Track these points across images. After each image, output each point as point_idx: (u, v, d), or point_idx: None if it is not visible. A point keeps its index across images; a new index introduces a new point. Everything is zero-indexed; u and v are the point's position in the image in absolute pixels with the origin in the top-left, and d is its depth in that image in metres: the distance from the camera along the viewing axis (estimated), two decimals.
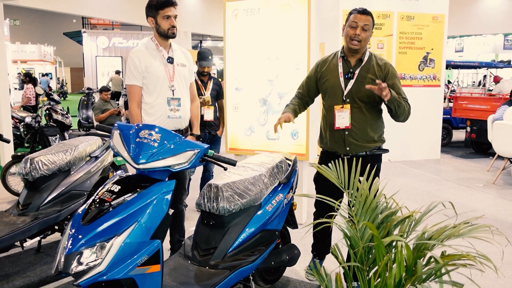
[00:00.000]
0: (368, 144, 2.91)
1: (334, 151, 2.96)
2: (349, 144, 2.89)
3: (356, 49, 2.81)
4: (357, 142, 2.89)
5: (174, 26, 3.05)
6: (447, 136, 9.67)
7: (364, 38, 2.77)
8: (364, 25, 2.75)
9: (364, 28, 2.75)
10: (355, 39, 2.76)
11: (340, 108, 2.84)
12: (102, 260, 1.89)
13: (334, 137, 2.93)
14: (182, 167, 2.20)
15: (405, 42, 7.97)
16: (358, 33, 2.75)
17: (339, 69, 2.89)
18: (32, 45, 28.13)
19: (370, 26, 2.78)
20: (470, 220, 1.68)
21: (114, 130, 2.32)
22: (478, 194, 5.86)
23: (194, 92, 3.40)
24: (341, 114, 2.83)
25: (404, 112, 2.83)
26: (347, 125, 2.84)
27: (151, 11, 3.03)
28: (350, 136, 2.88)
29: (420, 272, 1.44)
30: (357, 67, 2.87)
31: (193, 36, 21.22)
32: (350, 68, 2.88)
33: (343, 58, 2.91)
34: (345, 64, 2.90)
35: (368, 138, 2.90)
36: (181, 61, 3.21)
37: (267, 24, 4.36)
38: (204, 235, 2.66)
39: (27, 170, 3.41)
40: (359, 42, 2.77)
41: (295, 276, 3.38)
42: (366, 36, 2.78)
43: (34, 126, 6.25)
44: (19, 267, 3.41)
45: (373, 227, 1.46)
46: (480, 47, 23.46)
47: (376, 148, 2.96)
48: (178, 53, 3.22)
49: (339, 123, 2.84)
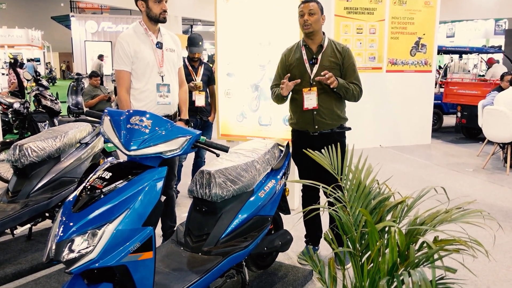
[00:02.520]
0: (334, 122, 3.17)
1: (304, 130, 3.19)
2: (317, 123, 3.14)
3: (309, 31, 3.07)
4: (325, 120, 3.13)
5: (166, 11, 3.00)
6: (437, 121, 9.72)
7: (313, 21, 3.04)
8: (309, 10, 3.04)
9: (310, 12, 3.04)
10: (305, 24, 3.05)
11: (308, 91, 3.10)
12: (94, 247, 1.87)
13: (304, 117, 3.17)
14: (174, 153, 2.18)
15: (397, 27, 7.94)
16: (307, 18, 3.04)
17: (303, 56, 3.15)
18: (19, 29, 27.61)
19: (316, 10, 3.05)
20: (462, 205, 1.68)
21: (104, 116, 2.28)
22: (468, 178, 5.92)
23: (182, 77, 3.36)
24: (309, 96, 3.09)
25: (354, 95, 3.12)
26: (315, 105, 3.09)
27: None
28: (318, 116, 3.12)
29: (413, 257, 1.45)
30: (319, 53, 3.13)
31: (183, 21, 20.96)
32: (313, 54, 3.14)
33: (305, 46, 3.17)
34: (308, 51, 3.16)
35: (334, 115, 3.15)
36: (170, 46, 3.16)
37: (259, 8, 4.30)
38: (196, 222, 2.65)
39: (16, 157, 3.37)
40: (310, 25, 3.04)
41: (288, 261, 3.41)
42: (314, 19, 3.05)
43: (23, 112, 6.17)
44: (10, 255, 3.39)
45: (367, 213, 1.46)
46: (471, 32, 23.50)
47: (340, 126, 3.21)
48: (167, 37, 3.17)
49: (307, 104, 3.09)
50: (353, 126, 3.30)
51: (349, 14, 7.65)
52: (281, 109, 4.28)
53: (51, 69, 29.16)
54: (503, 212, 4.56)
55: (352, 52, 3.20)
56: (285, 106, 4.24)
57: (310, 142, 3.07)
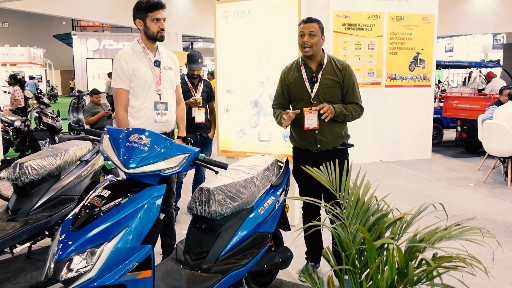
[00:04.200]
0: (336, 140, 3.13)
1: (306, 148, 3.15)
2: (319, 142, 3.09)
3: (309, 55, 3.03)
4: (326, 139, 3.09)
5: (163, 29, 3.02)
6: (438, 136, 9.72)
7: (314, 43, 2.99)
8: (310, 31, 2.97)
9: (310, 34, 2.97)
10: (305, 46, 2.99)
11: (309, 111, 3.03)
12: (92, 266, 1.87)
13: (306, 136, 3.12)
14: (172, 171, 2.19)
15: (396, 42, 8.00)
16: (307, 40, 2.98)
17: (303, 75, 3.10)
18: (22, 47, 27.82)
19: (316, 31, 3.00)
20: (461, 222, 1.68)
21: (103, 135, 2.30)
22: (469, 193, 5.90)
23: (180, 95, 3.37)
24: (310, 116, 3.02)
25: (353, 117, 3.11)
26: (316, 125, 3.03)
27: (140, 13, 2.98)
28: (320, 135, 3.08)
29: (412, 275, 1.44)
30: (318, 71, 3.08)
31: (184, 38, 21.17)
32: (312, 73, 3.10)
33: (305, 65, 3.12)
34: (307, 70, 3.11)
35: (336, 134, 3.12)
36: (167, 64, 3.17)
37: (257, 25, 4.35)
38: (196, 239, 2.64)
39: (17, 175, 3.37)
40: (310, 48, 2.99)
41: (288, 278, 3.38)
42: (315, 41, 2.99)
43: (24, 130, 6.19)
44: (9, 274, 3.37)
45: (365, 231, 1.46)
46: (470, 47, 23.65)
47: (342, 143, 3.18)
48: (165, 56, 3.18)
49: (308, 124, 3.03)
50: (353, 141, 3.29)
51: (347, 30, 7.72)
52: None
53: (52, 86, 29.32)
54: (505, 227, 4.54)
55: (352, 69, 3.16)
56: None
57: (312, 159, 3.05)
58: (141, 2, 2.97)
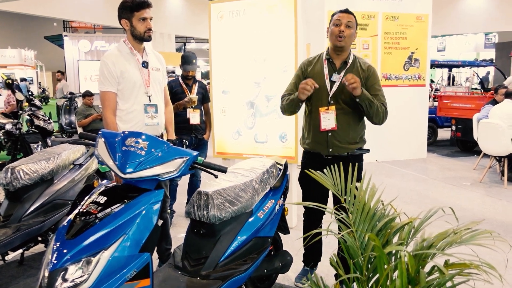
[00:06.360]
0: (350, 146, 2.94)
1: (317, 152, 2.97)
2: (332, 146, 2.91)
3: (341, 46, 2.82)
4: (339, 143, 2.90)
5: (150, 29, 2.92)
6: (432, 135, 9.72)
7: (348, 35, 2.80)
8: (348, 21, 2.79)
9: (348, 25, 2.79)
10: (340, 35, 2.78)
11: (325, 110, 2.85)
12: (88, 276, 1.80)
13: (318, 138, 2.94)
14: (170, 175, 2.11)
15: (390, 42, 7.98)
16: (343, 30, 2.78)
17: (324, 71, 2.89)
18: (12, 49, 27.55)
19: (353, 24, 2.83)
20: (470, 225, 1.63)
21: (98, 138, 2.22)
22: (467, 193, 5.88)
23: (167, 96, 3.27)
24: (327, 116, 2.84)
25: (378, 113, 2.81)
26: (333, 126, 2.84)
27: (126, 13, 2.87)
28: (333, 138, 2.89)
29: (424, 283, 1.39)
30: (342, 69, 2.88)
31: (176, 39, 21.04)
32: (335, 70, 2.89)
33: (328, 60, 2.92)
34: (330, 66, 2.91)
35: (350, 140, 2.92)
36: (155, 65, 3.07)
37: (253, 25, 4.29)
38: (194, 244, 2.57)
39: (8, 180, 3.29)
40: (343, 39, 2.79)
41: (288, 282, 3.32)
42: (350, 33, 2.81)
43: (15, 133, 6.08)
44: (1, 281, 3.28)
45: (376, 239, 1.40)
46: (462, 46, 23.80)
47: (357, 149, 2.98)
48: (152, 56, 3.08)
49: (325, 124, 2.85)
50: None
51: None
52: (277, 126, 4.24)
53: (44, 88, 29.05)
54: (504, 227, 4.51)
55: (376, 72, 2.94)
56: (282, 123, 4.21)
57: (323, 166, 2.60)
58: (126, 1, 2.86)
